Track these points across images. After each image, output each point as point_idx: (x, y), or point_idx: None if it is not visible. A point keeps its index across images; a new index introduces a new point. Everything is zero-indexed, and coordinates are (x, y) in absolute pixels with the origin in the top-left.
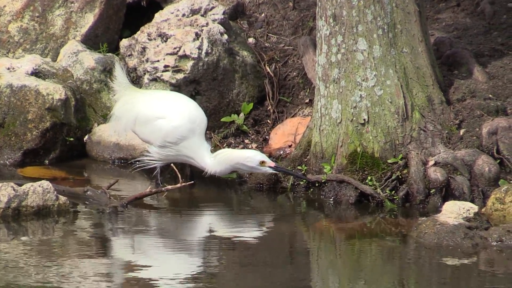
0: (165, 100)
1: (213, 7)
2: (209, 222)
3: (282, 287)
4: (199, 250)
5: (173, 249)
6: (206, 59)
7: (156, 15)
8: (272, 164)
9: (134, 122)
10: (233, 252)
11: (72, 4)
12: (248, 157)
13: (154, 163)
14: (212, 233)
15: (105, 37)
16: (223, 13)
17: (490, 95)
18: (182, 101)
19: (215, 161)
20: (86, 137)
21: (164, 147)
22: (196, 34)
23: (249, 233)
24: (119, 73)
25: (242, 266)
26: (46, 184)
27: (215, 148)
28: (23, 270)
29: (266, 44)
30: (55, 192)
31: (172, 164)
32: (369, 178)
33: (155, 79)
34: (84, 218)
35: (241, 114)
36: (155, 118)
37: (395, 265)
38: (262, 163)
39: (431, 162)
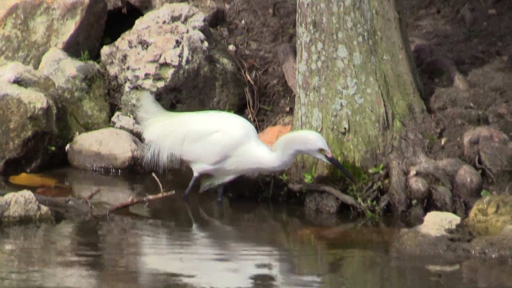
0: (213, 116)
1: (193, 14)
2: (190, 231)
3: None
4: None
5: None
6: (186, 67)
7: (137, 21)
8: (329, 154)
9: (182, 141)
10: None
11: (54, 12)
12: (309, 139)
13: (220, 181)
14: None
15: (87, 45)
16: (204, 20)
17: (471, 104)
18: (228, 115)
19: (278, 151)
20: (68, 146)
21: (220, 163)
22: (177, 41)
23: (230, 241)
24: (146, 101)
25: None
26: (28, 194)
27: None
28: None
29: (246, 52)
30: (37, 202)
31: (153, 173)
32: (350, 188)
33: (136, 87)
34: (66, 228)
35: None
36: (210, 132)
37: (376, 274)
38: (321, 150)
39: (413, 172)
